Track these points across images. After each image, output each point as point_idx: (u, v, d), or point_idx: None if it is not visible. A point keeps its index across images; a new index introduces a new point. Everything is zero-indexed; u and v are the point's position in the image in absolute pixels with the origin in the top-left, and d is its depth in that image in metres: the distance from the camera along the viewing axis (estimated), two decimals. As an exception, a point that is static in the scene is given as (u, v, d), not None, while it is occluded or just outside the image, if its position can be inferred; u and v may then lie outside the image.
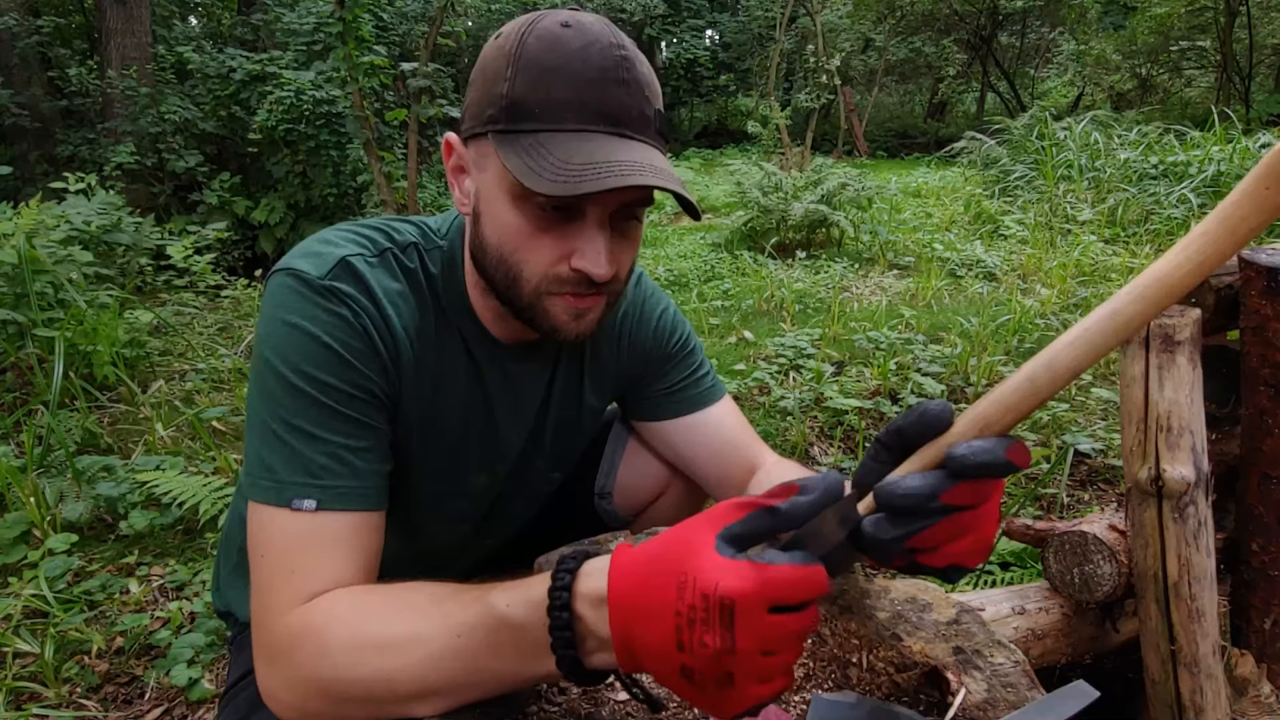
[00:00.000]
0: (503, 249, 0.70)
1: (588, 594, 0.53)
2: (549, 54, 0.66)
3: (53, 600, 1.67)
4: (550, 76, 0.65)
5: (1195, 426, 1.08)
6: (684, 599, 0.46)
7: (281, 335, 0.70)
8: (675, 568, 0.48)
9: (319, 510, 0.67)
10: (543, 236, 0.69)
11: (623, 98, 0.67)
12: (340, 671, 0.61)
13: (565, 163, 0.63)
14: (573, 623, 0.53)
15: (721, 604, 0.45)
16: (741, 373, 3.00)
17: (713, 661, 0.46)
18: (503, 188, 0.69)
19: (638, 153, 0.66)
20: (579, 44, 0.66)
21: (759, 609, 0.45)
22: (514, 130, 0.66)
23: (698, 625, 0.45)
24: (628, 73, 0.67)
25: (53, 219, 3.57)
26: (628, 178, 0.63)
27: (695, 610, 0.46)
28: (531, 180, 0.63)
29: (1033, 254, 4.68)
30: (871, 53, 15.67)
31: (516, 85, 0.66)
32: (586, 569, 0.55)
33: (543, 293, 0.71)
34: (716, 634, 0.45)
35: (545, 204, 0.66)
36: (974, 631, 0.76)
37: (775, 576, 0.45)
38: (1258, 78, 10.93)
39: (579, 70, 0.65)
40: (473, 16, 12.35)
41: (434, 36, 4.88)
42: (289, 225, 6.69)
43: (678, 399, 0.99)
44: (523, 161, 0.64)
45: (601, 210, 0.68)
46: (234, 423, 2.64)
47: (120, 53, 6.76)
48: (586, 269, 0.68)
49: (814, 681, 0.71)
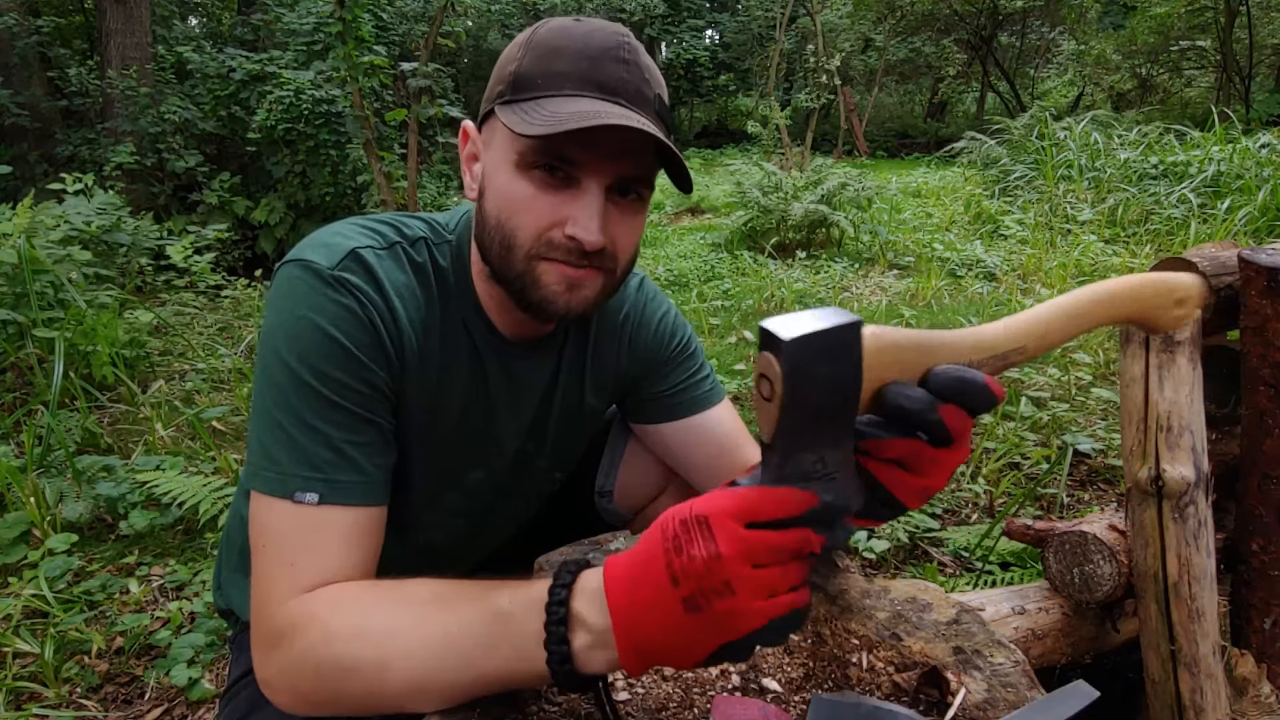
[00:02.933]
0: (500, 216, 0.72)
1: (584, 590, 0.56)
2: (556, 37, 0.71)
3: (53, 600, 1.67)
4: (555, 54, 0.70)
5: (1195, 426, 1.08)
6: (668, 536, 0.50)
7: (289, 326, 0.70)
8: (660, 524, 0.52)
9: (321, 504, 0.68)
10: (539, 199, 0.70)
11: (621, 73, 0.70)
12: (339, 660, 0.61)
13: (555, 112, 0.66)
14: (567, 617, 0.55)
15: (698, 520, 0.49)
16: (741, 373, 3.00)
17: (704, 573, 0.48)
18: (507, 159, 0.71)
19: (629, 114, 0.68)
20: (585, 30, 0.71)
21: (732, 520, 0.48)
22: (516, 100, 0.70)
23: (684, 547, 0.49)
24: (628, 54, 0.71)
25: (52, 219, 3.58)
26: (611, 119, 0.65)
27: (679, 538, 0.49)
28: (521, 127, 0.66)
29: (1033, 254, 4.68)
30: (871, 53, 15.67)
31: (524, 63, 0.71)
32: (587, 572, 0.57)
33: (534, 257, 0.72)
34: (699, 543, 0.49)
35: (543, 165, 0.69)
36: (974, 631, 0.76)
37: (744, 494, 0.49)
38: (1258, 78, 10.94)
39: (581, 49, 0.70)
40: (473, 16, 12.36)
41: (434, 36, 4.88)
42: (289, 225, 6.69)
43: (677, 402, 0.99)
44: (516, 116, 0.68)
45: (598, 180, 0.70)
46: (234, 423, 2.64)
47: (120, 53, 6.76)
48: (578, 234, 0.69)
49: (814, 681, 0.71)
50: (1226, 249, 1.24)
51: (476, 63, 12.26)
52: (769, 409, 0.47)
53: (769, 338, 0.46)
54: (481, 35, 12.86)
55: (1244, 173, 5.05)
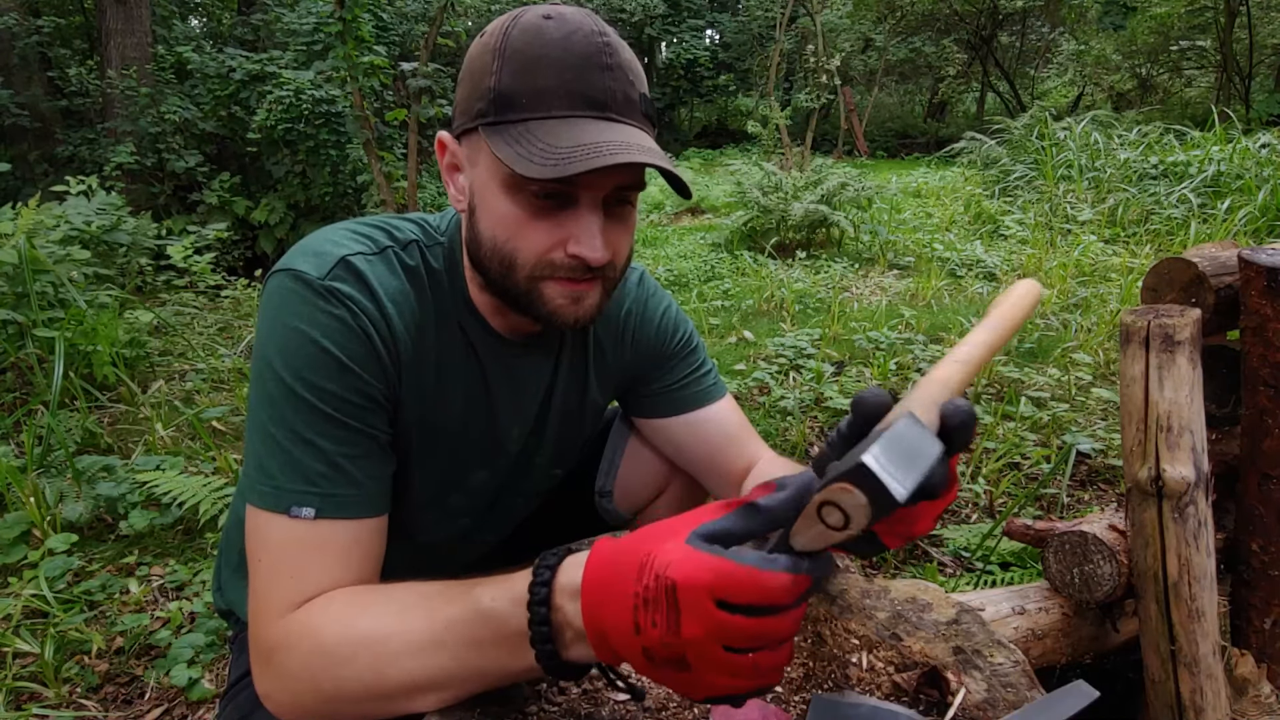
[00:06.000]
0: (496, 239, 0.71)
1: (566, 586, 0.55)
2: (532, 45, 0.67)
3: (53, 600, 1.67)
4: (534, 66, 0.67)
5: (1195, 426, 1.08)
6: (641, 580, 0.47)
7: (281, 339, 0.70)
8: (642, 551, 0.49)
9: (318, 518, 0.68)
10: (536, 224, 0.69)
11: (607, 82, 0.68)
12: (333, 669, 0.62)
13: (553, 147, 0.64)
14: (550, 616, 0.55)
15: (667, 586, 0.45)
16: (741, 373, 3.00)
17: (661, 645, 0.47)
18: (495, 179, 0.69)
19: (625, 134, 0.67)
20: (561, 33, 0.67)
21: (703, 598, 0.45)
22: (502, 121, 0.67)
23: (650, 605, 0.47)
24: (610, 58, 0.68)
25: (52, 219, 3.58)
26: (615, 156, 0.63)
27: (648, 590, 0.47)
28: (522, 166, 0.64)
29: (1033, 254, 4.68)
30: (871, 53, 15.66)
31: (503, 78, 0.67)
32: (567, 563, 0.56)
33: (537, 278, 0.71)
34: (662, 616, 0.46)
35: (538, 191, 0.67)
36: (974, 631, 0.76)
37: (724, 570, 0.45)
38: (1258, 78, 10.93)
39: (562, 58, 0.67)
40: (473, 16, 12.35)
41: (434, 36, 4.88)
42: (289, 225, 6.69)
43: (679, 396, 0.99)
44: (512, 150, 0.65)
45: (594, 195, 0.69)
46: (234, 423, 2.64)
47: (120, 53, 6.75)
48: (582, 254, 0.69)
49: (814, 681, 0.71)
50: (1226, 249, 1.24)
51: (476, 63, 12.25)
52: (827, 536, 0.44)
53: (871, 483, 0.41)
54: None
55: (1244, 173, 5.05)
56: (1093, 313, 3.47)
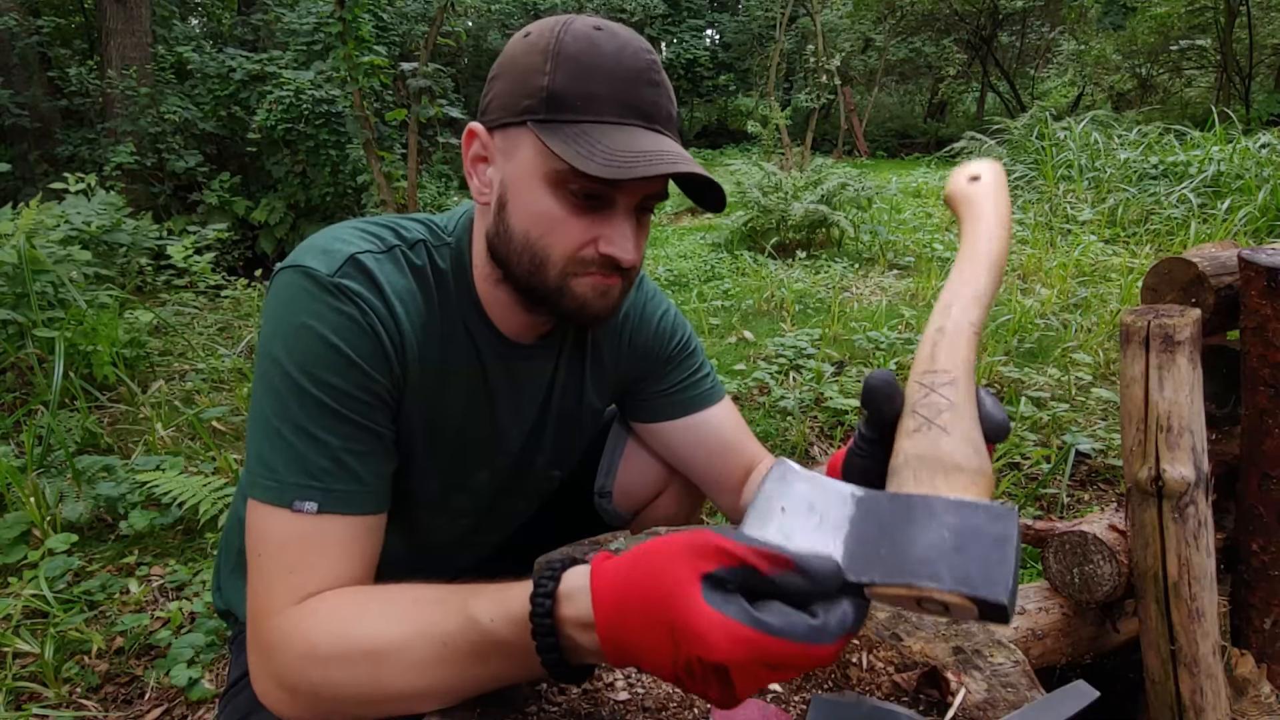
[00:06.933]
0: (530, 234, 0.72)
1: (574, 619, 0.54)
2: (587, 52, 0.70)
3: (53, 600, 1.67)
4: (590, 72, 0.69)
5: (1195, 426, 1.08)
6: (680, 655, 0.47)
7: (289, 334, 0.70)
8: (664, 614, 0.47)
9: (320, 513, 0.68)
10: (573, 221, 0.71)
11: (654, 96, 0.72)
12: (329, 675, 0.62)
13: (612, 149, 0.67)
14: (560, 644, 0.55)
15: (716, 669, 0.45)
16: (741, 373, 3.00)
17: (708, 693, 0.48)
18: (537, 174, 0.71)
19: (671, 145, 0.71)
20: (614, 46, 0.71)
21: (754, 669, 0.45)
22: (555, 120, 0.69)
23: (697, 679, 0.47)
24: (657, 75, 0.73)
25: (52, 219, 3.57)
26: (675, 166, 0.67)
27: (692, 667, 0.46)
28: (584, 164, 0.66)
29: (1033, 254, 4.68)
30: (871, 53, 15.66)
31: (557, 79, 0.69)
32: (566, 589, 0.55)
33: (569, 274, 0.73)
34: (715, 688, 0.46)
35: (580, 190, 0.70)
36: (974, 631, 0.76)
37: (768, 646, 0.44)
38: (1258, 78, 10.92)
39: (615, 70, 0.70)
40: (473, 16, 12.35)
41: (434, 36, 4.88)
42: (289, 225, 6.69)
43: (677, 400, 0.99)
44: (571, 148, 0.67)
45: (629, 200, 0.72)
46: (234, 423, 2.64)
47: (120, 53, 6.75)
48: (616, 254, 0.72)
49: (814, 681, 0.71)
50: (1226, 249, 1.24)
51: (477, 63, 12.25)
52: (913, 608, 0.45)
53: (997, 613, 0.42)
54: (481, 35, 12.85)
55: (1244, 173, 5.04)
56: (1093, 313, 3.47)
